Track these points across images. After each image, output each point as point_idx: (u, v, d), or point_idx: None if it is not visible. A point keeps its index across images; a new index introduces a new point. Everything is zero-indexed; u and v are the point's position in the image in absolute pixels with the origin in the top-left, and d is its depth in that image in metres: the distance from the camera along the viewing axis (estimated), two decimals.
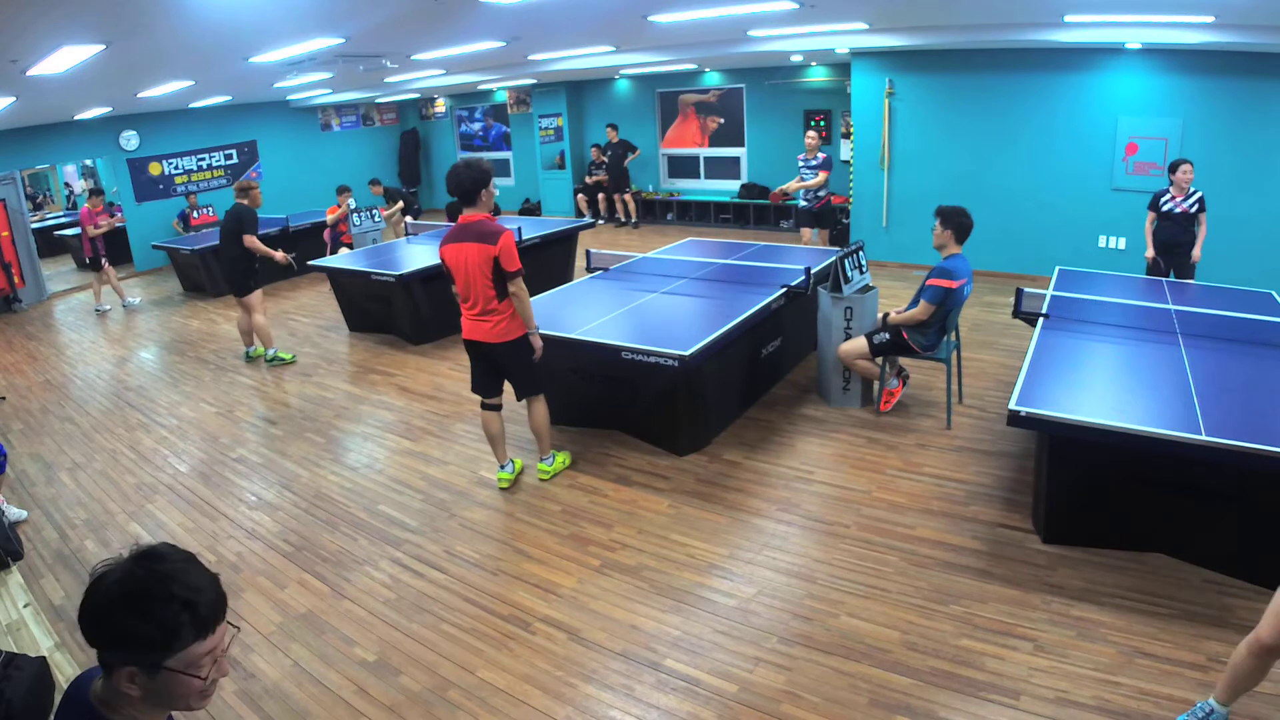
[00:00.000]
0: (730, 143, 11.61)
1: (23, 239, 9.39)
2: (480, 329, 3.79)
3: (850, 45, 7.86)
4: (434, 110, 14.74)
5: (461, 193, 3.64)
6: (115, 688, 1.14)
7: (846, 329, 4.71)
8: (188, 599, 1.13)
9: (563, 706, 2.57)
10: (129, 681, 1.13)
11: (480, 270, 3.64)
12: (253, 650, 2.93)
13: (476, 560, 3.48)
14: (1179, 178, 5.48)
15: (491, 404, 4.02)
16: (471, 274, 3.67)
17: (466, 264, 3.67)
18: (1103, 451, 2.99)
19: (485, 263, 3.62)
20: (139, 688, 1.14)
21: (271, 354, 6.37)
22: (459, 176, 3.63)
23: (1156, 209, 5.66)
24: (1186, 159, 5.56)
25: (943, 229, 4.28)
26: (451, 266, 3.75)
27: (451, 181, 3.65)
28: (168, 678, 1.14)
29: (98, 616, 1.10)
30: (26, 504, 4.25)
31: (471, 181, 3.62)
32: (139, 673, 1.12)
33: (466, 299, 3.78)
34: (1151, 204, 5.73)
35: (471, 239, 3.63)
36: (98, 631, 1.11)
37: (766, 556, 3.36)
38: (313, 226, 9.60)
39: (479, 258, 3.63)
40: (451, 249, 3.72)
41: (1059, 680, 2.54)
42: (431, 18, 5.51)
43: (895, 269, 8.19)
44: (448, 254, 3.75)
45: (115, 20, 4.27)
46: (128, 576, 1.11)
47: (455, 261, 3.72)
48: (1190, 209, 5.50)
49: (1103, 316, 4.20)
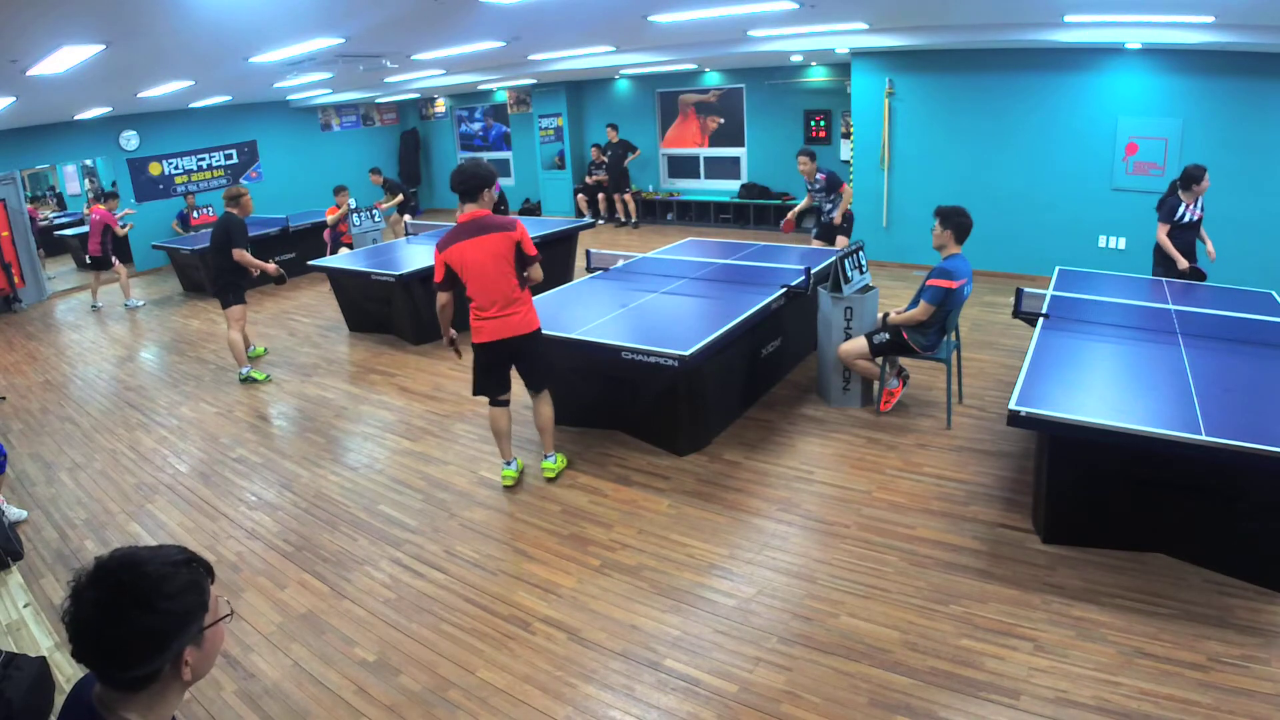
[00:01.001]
0: (730, 143, 11.61)
1: (23, 239, 9.40)
2: (508, 325, 3.70)
3: (850, 45, 7.86)
4: (434, 110, 14.74)
5: (465, 189, 3.59)
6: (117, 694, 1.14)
7: (846, 329, 4.71)
8: (182, 559, 1.17)
9: (563, 706, 2.57)
10: (185, 665, 1.15)
11: (504, 260, 3.57)
12: (253, 650, 2.93)
13: (476, 560, 3.48)
14: (1199, 189, 5.24)
15: (503, 399, 3.96)
16: (490, 268, 3.58)
17: (482, 259, 3.57)
18: (1103, 451, 2.99)
19: (509, 250, 3.57)
20: (192, 666, 1.16)
21: (245, 372, 6.04)
22: (464, 172, 3.59)
23: (1172, 221, 5.37)
24: (1203, 165, 5.28)
25: (942, 229, 4.27)
26: (462, 266, 3.61)
27: (456, 177, 3.60)
28: (210, 636, 1.18)
29: (151, 627, 1.10)
30: (26, 504, 4.25)
31: (476, 178, 3.59)
32: (193, 649, 1.15)
33: (481, 300, 3.66)
34: (1166, 217, 5.41)
35: (485, 231, 3.57)
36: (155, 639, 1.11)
37: (766, 556, 3.36)
38: (312, 227, 9.60)
39: (501, 247, 3.56)
40: (460, 248, 3.59)
41: (1059, 680, 2.54)
42: (431, 18, 5.52)
43: (895, 269, 8.19)
44: (456, 254, 3.60)
45: (115, 20, 4.27)
46: (126, 587, 1.10)
47: (468, 259, 3.59)
48: (1200, 213, 5.42)
49: (1103, 316, 4.20)
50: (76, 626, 1.08)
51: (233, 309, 5.94)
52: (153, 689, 1.14)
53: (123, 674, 1.12)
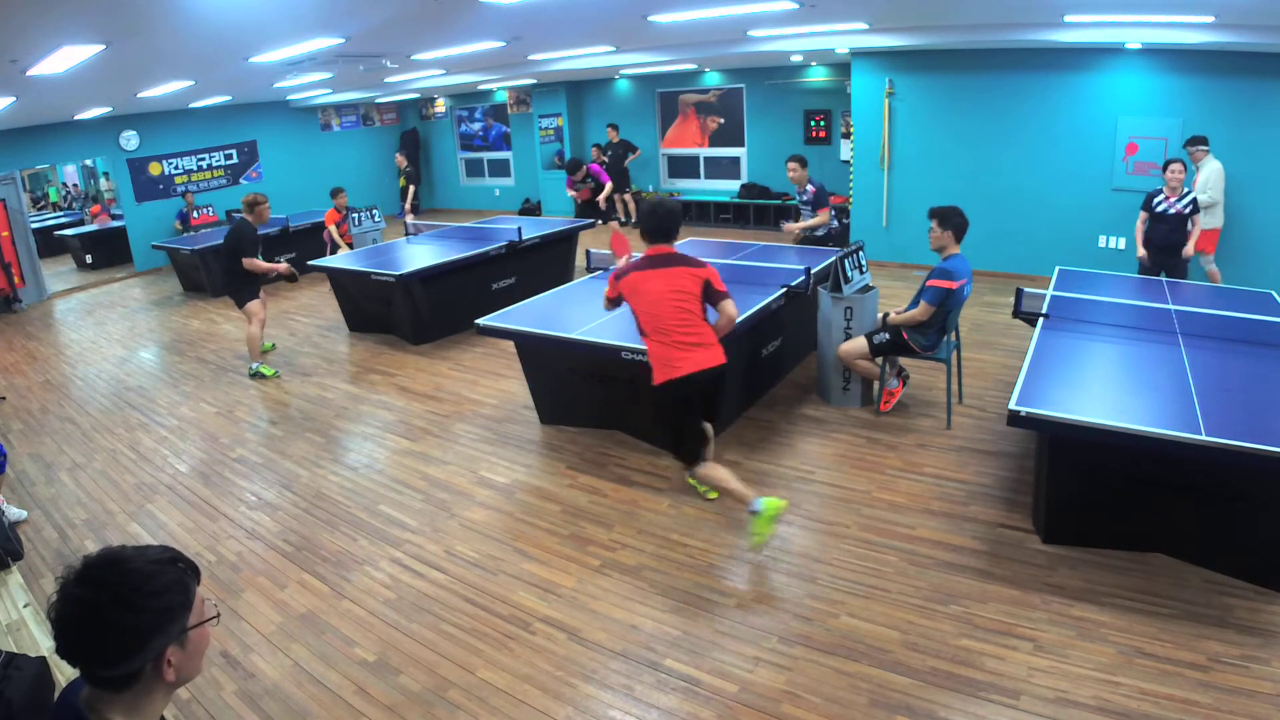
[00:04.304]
0: (730, 143, 11.61)
1: (23, 239, 9.40)
2: (712, 355, 3.35)
3: (850, 45, 7.86)
4: (434, 110, 14.74)
5: (664, 231, 3.40)
6: (103, 695, 1.15)
7: (846, 329, 4.71)
8: (167, 558, 1.17)
9: (563, 706, 2.57)
10: (168, 666, 1.15)
11: (693, 294, 3.34)
12: (253, 650, 2.93)
13: (476, 560, 3.48)
14: (1169, 176, 5.46)
15: (707, 454, 3.52)
16: (680, 297, 3.33)
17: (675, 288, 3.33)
18: (1103, 451, 2.99)
19: (697, 286, 3.35)
20: (175, 667, 1.16)
21: (255, 368, 6.12)
22: (672, 213, 3.43)
23: (1150, 209, 5.63)
24: (1178, 159, 5.56)
25: (941, 230, 4.27)
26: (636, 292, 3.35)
27: (664, 219, 3.40)
28: (194, 637, 1.19)
29: (129, 624, 1.11)
30: (26, 504, 4.25)
31: (674, 220, 3.43)
32: (176, 649, 1.15)
33: (667, 327, 3.32)
34: (1145, 204, 5.70)
35: (676, 264, 3.36)
36: (134, 636, 1.12)
37: (766, 556, 3.36)
38: (312, 227, 9.60)
39: (691, 283, 3.34)
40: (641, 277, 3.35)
41: (1059, 680, 2.54)
42: (431, 18, 5.52)
43: (895, 269, 8.19)
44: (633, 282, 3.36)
45: (115, 20, 4.27)
46: (108, 584, 1.11)
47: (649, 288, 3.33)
48: (1184, 210, 5.50)
49: (1103, 316, 4.19)
50: (60, 623, 1.10)
51: (250, 304, 6.03)
52: (137, 689, 1.15)
53: (104, 672, 1.13)
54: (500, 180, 14.40)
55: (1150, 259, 5.69)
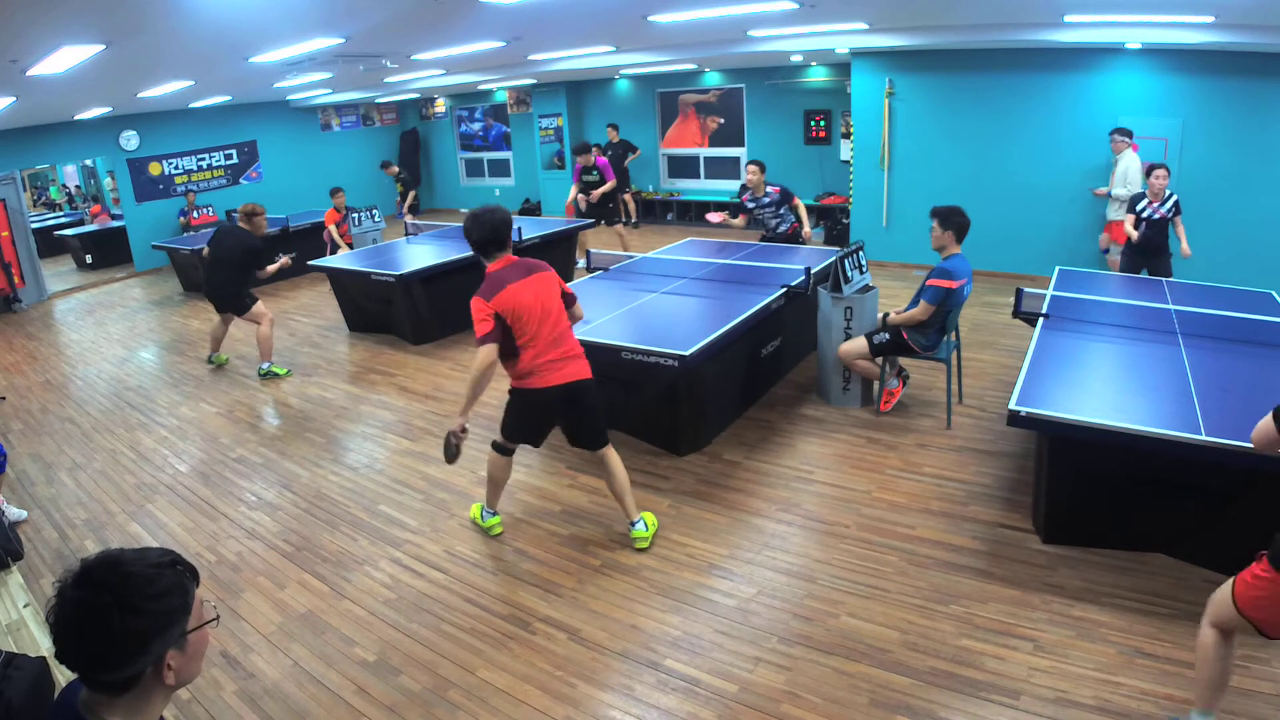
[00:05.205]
0: (730, 143, 11.61)
1: (23, 239, 9.40)
2: (582, 367, 3.34)
3: (850, 45, 7.86)
4: (434, 110, 14.73)
5: (500, 238, 3.24)
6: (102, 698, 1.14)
7: (846, 329, 4.71)
8: (166, 561, 1.17)
9: (563, 706, 2.57)
10: (168, 669, 1.15)
11: (557, 300, 3.29)
12: (253, 650, 2.93)
13: (476, 560, 3.48)
14: (1152, 182, 5.57)
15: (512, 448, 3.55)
16: (552, 308, 3.26)
17: (543, 301, 3.24)
18: (1103, 451, 2.99)
19: (557, 290, 3.31)
20: (174, 670, 1.16)
21: (266, 367, 6.11)
22: (502, 222, 3.25)
23: (1136, 214, 5.75)
24: (1162, 165, 5.63)
25: (942, 230, 4.27)
26: (516, 311, 3.17)
27: (489, 228, 3.22)
28: (193, 640, 1.18)
29: (131, 628, 1.11)
30: (26, 504, 4.25)
31: (508, 225, 3.28)
32: (175, 653, 1.15)
33: (543, 341, 3.22)
34: (1130, 207, 5.85)
35: (533, 272, 3.25)
36: (135, 640, 1.12)
37: (766, 556, 3.36)
38: (312, 227, 9.60)
39: (553, 287, 3.29)
40: (513, 291, 3.16)
41: (1059, 680, 2.54)
42: (431, 18, 5.52)
43: (895, 269, 8.19)
44: (509, 298, 3.15)
45: (115, 20, 4.27)
46: (108, 587, 1.11)
47: (522, 302, 3.17)
48: (1167, 214, 5.62)
49: (1103, 316, 4.20)
50: (59, 627, 1.09)
51: (255, 309, 6.05)
52: (136, 692, 1.14)
53: (105, 676, 1.12)
54: (500, 180, 14.40)
55: (1134, 260, 5.84)
